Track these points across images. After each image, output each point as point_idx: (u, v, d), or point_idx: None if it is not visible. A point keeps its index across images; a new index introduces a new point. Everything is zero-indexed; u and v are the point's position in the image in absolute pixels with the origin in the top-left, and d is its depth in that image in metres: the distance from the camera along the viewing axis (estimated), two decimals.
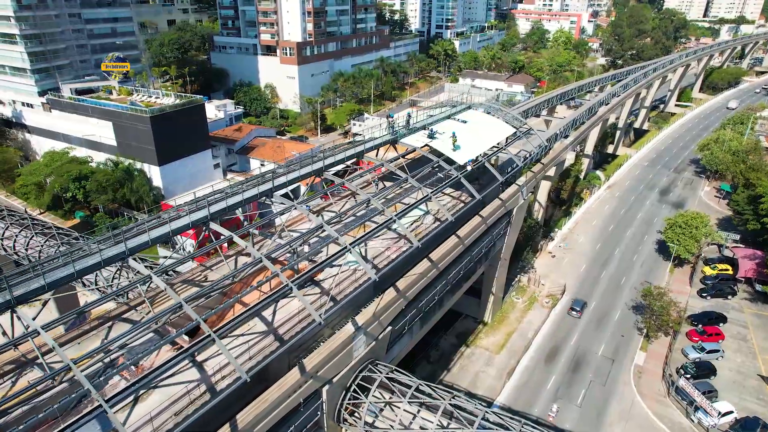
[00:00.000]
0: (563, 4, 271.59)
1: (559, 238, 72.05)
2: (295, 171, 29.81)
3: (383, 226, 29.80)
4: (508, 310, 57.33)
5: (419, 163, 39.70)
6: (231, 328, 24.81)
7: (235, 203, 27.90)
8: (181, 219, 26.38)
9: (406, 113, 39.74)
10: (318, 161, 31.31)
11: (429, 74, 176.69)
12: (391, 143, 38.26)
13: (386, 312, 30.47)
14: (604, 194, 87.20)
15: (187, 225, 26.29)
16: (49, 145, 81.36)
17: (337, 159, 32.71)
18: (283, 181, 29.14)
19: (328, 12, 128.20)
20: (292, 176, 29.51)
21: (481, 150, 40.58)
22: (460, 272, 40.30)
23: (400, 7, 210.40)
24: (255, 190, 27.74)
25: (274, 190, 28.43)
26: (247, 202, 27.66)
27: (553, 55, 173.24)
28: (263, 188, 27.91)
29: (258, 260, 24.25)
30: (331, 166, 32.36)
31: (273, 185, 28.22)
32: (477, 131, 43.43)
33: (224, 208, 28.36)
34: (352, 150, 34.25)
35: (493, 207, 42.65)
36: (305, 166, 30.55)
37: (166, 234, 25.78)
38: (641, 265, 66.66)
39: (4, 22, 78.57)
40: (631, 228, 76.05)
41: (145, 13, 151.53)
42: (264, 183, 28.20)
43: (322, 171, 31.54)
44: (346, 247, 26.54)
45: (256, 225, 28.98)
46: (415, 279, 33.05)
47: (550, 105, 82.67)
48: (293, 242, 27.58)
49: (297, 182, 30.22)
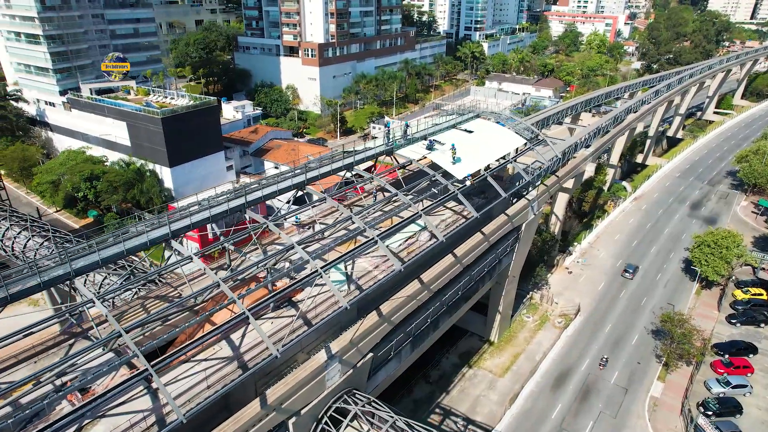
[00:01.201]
0: (599, 6, 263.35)
1: (577, 252, 68.43)
2: (272, 185, 28.05)
3: (361, 247, 27.76)
4: (516, 329, 54.40)
5: (418, 175, 37.54)
6: (192, 350, 23.44)
7: (209, 217, 26.45)
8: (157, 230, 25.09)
9: (404, 123, 37.55)
10: (300, 174, 29.54)
11: (455, 77, 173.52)
12: (386, 154, 36.17)
13: (366, 338, 28.45)
14: (630, 207, 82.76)
15: (165, 234, 24.98)
16: (69, 143, 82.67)
17: (321, 172, 30.80)
18: (258, 196, 27.44)
19: (352, 13, 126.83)
20: (268, 191, 27.78)
21: (484, 163, 38.07)
22: (458, 293, 37.90)
23: (428, 8, 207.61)
24: (225, 205, 26.07)
25: (247, 206, 26.77)
26: (217, 219, 26.10)
27: (584, 58, 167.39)
28: (234, 204, 26.24)
29: (215, 284, 22.55)
30: (315, 179, 30.52)
31: (246, 201, 26.58)
32: (482, 142, 40.92)
33: (207, 218, 27.04)
34: (340, 162, 32.32)
35: (498, 223, 40.03)
36: (284, 180, 28.78)
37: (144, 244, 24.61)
38: (665, 285, 62.50)
39: (29, 23, 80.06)
40: (657, 244, 71.69)
41: (173, 13, 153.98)
42: (237, 198, 26.56)
43: (304, 185, 29.75)
44: (317, 271, 24.59)
45: (231, 240, 27.35)
46: (403, 302, 30.89)
47: (574, 112, 78.85)
48: (264, 261, 25.84)
49: (274, 197, 28.50)
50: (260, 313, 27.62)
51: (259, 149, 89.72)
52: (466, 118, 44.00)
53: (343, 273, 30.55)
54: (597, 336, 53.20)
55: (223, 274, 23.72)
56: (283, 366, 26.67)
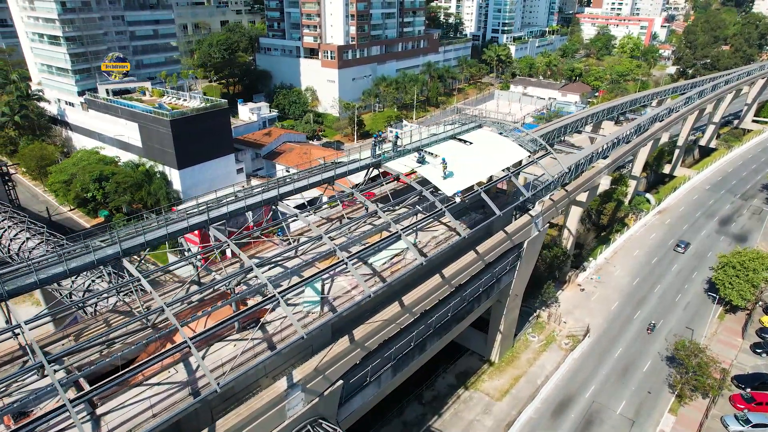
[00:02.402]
0: (634, 8, 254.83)
1: (592, 269, 65.08)
2: (240, 201, 26.69)
3: (331, 268, 26.13)
4: (520, 349, 51.80)
5: (408, 190, 35.65)
6: (141, 373, 22.34)
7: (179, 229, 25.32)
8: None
9: (394, 133, 35.74)
10: (273, 189, 28.11)
11: (480, 80, 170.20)
12: (374, 167, 34.43)
13: (335, 365, 26.80)
14: (653, 220, 78.56)
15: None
16: (87, 143, 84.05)
17: (296, 187, 29.27)
18: (223, 211, 26.13)
19: (373, 15, 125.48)
20: (234, 207, 26.43)
21: (480, 177, 35.92)
22: (447, 314, 35.87)
23: (455, 10, 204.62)
24: (185, 222, 24.83)
25: (210, 222, 25.49)
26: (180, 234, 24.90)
27: (613, 63, 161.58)
28: (194, 221, 24.97)
29: (159, 309, 21.28)
30: (289, 194, 29.03)
31: (208, 217, 25.28)
32: (481, 155, 38.73)
33: (185, 227, 26.04)
34: (318, 176, 30.74)
35: (494, 242, 37.80)
36: (252, 196, 27.37)
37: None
38: (684, 307, 58.69)
39: (51, 25, 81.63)
40: (679, 262, 67.63)
41: (200, 14, 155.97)
42: (199, 215, 25.31)
43: (276, 200, 28.28)
44: (275, 295, 23.07)
45: (199, 254, 26.23)
46: (379, 326, 29.12)
47: (595, 120, 75.24)
48: (225, 280, 24.51)
49: (241, 213, 27.13)
50: (224, 335, 26.41)
51: (271, 152, 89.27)
52: (466, 128, 41.82)
53: (318, 292, 29.06)
54: (605, 360, 50.12)
55: (159, 301, 22.13)
56: (243, 392, 25.31)
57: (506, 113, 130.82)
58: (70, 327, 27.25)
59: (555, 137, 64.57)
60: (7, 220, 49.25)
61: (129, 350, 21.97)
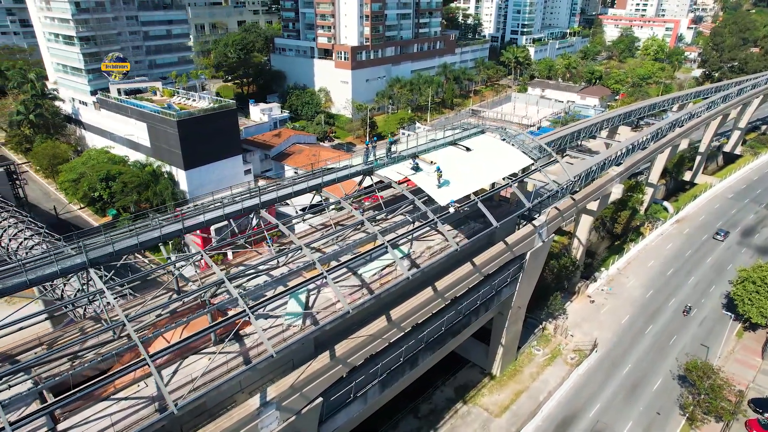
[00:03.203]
0: (659, 9, 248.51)
1: (603, 279, 62.73)
2: (218, 210, 25.72)
3: (306, 283, 25.01)
4: (523, 362, 49.96)
5: (402, 198, 34.33)
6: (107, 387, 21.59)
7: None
8: None
9: (388, 141, 34.45)
10: (254, 197, 27.09)
11: (498, 82, 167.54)
12: (366, 174, 33.20)
13: (314, 382, 25.65)
14: (670, 230, 75.62)
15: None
16: (100, 142, 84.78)
17: (280, 195, 28.20)
18: (200, 220, 25.20)
19: (388, 16, 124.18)
20: (211, 216, 25.48)
21: (477, 186, 34.39)
22: (441, 328, 34.45)
23: (474, 11, 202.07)
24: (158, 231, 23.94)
25: (185, 231, 24.60)
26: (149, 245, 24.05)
27: (634, 65, 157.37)
28: (168, 230, 24.06)
29: (120, 323, 20.41)
30: (271, 203, 27.99)
31: (183, 227, 24.37)
32: (480, 162, 37.20)
33: (158, 236, 25.27)
34: (305, 184, 29.62)
35: (492, 253, 36.18)
36: (231, 204, 26.37)
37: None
38: (700, 323, 56.05)
39: (65, 25, 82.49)
40: (696, 274, 64.79)
41: (217, 14, 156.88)
42: (174, 224, 24.42)
43: (258, 208, 27.24)
44: (245, 310, 22.03)
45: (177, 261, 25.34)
46: (364, 341, 27.88)
47: (611, 125, 72.66)
48: (203, 290, 23.58)
49: (218, 222, 26.20)
50: (200, 347, 25.51)
51: (280, 153, 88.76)
52: (468, 134, 40.30)
53: (301, 304, 28.00)
54: (612, 377, 47.98)
55: (121, 316, 21.21)
56: (218, 407, 24.37)
57: (522, 116, 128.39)
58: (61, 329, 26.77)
59: (567, 143, 62.52)
60: (9, 219, 49.50)
61: (92, 363, 21.16)
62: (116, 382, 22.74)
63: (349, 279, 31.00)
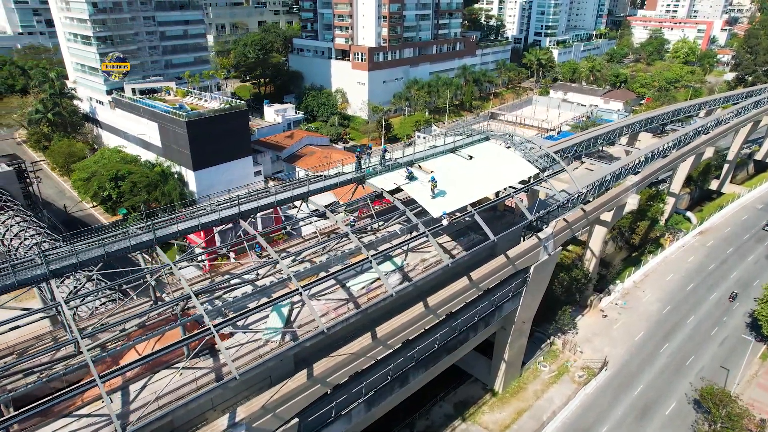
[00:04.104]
0: (691, 10, 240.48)
1: (617, 293, 60.03)
2: (192, 220, 24.72)
3: (278, 301, 23.79)
4: (528, 379, 47.88)
5: (394, 208, 32.85)
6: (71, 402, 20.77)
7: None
8: None
9: (382, 147, 33.03)
10: (234, 206, 26.01)
11: (519, 84, 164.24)
12: (357, 183, 31.84)
13: (290, 401, 24.44)
14: (692, 242, 72.15)
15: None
16: (115, 140, 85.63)
17: (261, 204, 27.03)
18: (174, 230, 24.22)
19: (407, 17, 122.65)
20: (185, 226, 24.46)
21: (475, 197, 32.65)
22: (434, 345, 32.86)
23: (497, 12, 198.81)
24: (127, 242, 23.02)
25: (157, 241, 23.65)
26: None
27: (661, 69, 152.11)
28: (137, 241, 23.16)
29: (73, 340, 19.48)
30: (252, 212, 26.84)
31: (155, 236, 23.43)
32: (481, 171, 35.46)
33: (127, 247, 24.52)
34: (289, 192, 28.39)
35: (491, 267, 34.40)
36: (207, 214, 25.33)
37: None
38: (721, 342, 52.98)
39: (83, 25, 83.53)
40: (719, 290, 61.47)
41: (238, 14, 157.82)
42: (145, 233, 23.50)
43: (238, 218, 26.15)
44: (209, 328, 20.91)
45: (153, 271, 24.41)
46: (346, 360, 26.53)
47: (631, 131, 69.62)
48: (171, 304, 22.60)
49: (192, 232, 25.17)
50: (172, 361, 24.57)
51: (292, 155, 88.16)
52: (471, 140, 38.55)
53: (283, 318, 26.85)
54: (623, 398, 45.55)
55: (75, 331, 20.32)
56: (187, 425, 23.36)
57: (542, 120, 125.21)
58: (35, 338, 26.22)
59: (583, 150, 59.97)
60: (14, 218, 49.83)
61: (53, 377, 20.33)
62: (83, 396, 22.12)
63: (337, 292, 29.76)
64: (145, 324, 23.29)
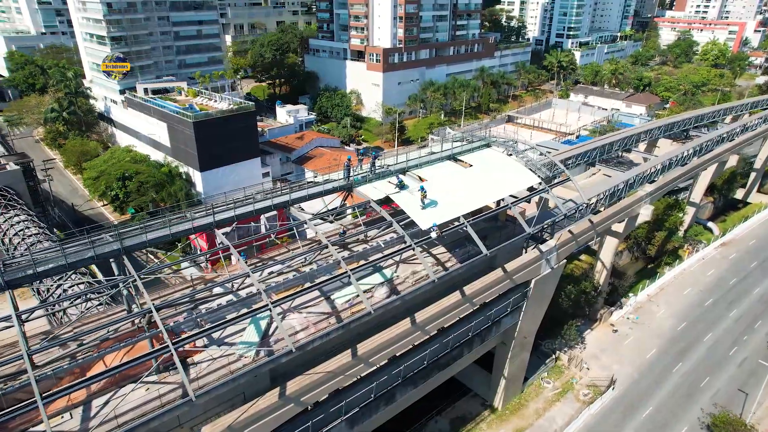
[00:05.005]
0: (722, 11, 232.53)
1: (630, 306, 57.43)
2: (163, 229, 23.74)
3: (248, 316, 22.64)
4: (529, 395, 45.89)
5: (381, 219, 31.46)
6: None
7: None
8: None
9: (372, 154, 31.67)
10: (208, 215, 24.98)
11: (540, 87, 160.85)
12: (345, 191, 30.54)
13: (259, 422, 23.28)
14: (713, 254, 68.82)
15: None
16: (128, 140, 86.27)
17: (238, 213, 25.91)
18: (143, 239, 23.30)
19: (423, 18, 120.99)
20: (154, 236, 23.49)
21: (469, 208, 30.97)
22: (423, 362, 31.35)
23: (519, 13, 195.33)
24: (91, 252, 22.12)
25: (125, 251, 22.75)
26: None
27: (688, 72, 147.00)
28: (101, 251, 22.24)
29: (18, 356, 18.63)
30: (228, 221, 25.78)
31: (122, 246, 22.51)
32: (479, 181, 33.82)
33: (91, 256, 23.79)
34: (269, 201, 27.22)
35: (486, 282, 32.69)
36: (181, 223, 24.32)
37: None
38: (740, 363, 50.03)
39: (98, 25, 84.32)
40: (740, 306, 58.31)
41: (256, 14, 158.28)
42: (112, 242, 22.61)
43: (213, 226, 25.13)
44: (167, 346, 19.87)
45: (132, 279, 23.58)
46: (323, 378, 25.26)
47: (650, 137, 66.73)
48: (136, 315, 21.67)
49: (161, 241, 24.17)
50: (140, 374, 23.65)
51: (302, 156, 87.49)
52: (470, 147, 36.92)
53: (260, 332, 25.77)
54: (629, 420, 43.21)
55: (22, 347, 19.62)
56: None
57: (561, 123, 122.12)
58: None
59: (597, 156, 57.63)
60: (19, 216, 50.13)
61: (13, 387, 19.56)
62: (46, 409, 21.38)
63: (321, 304, 28.55)
64: (106, 338, 22.40)
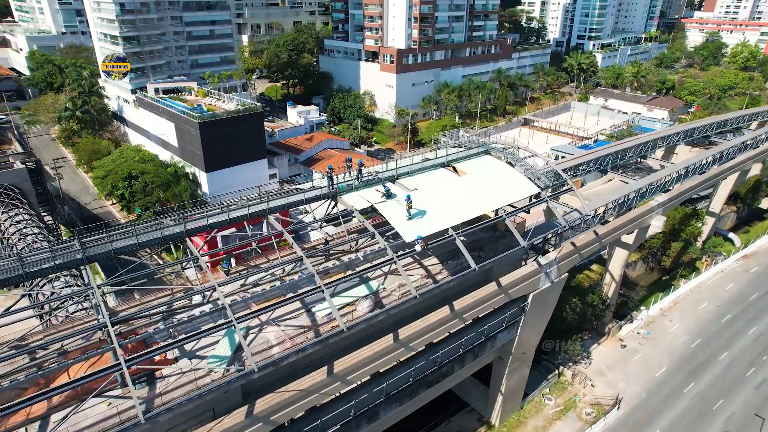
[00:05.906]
0: (754, 11, 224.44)
1: (641, 320, 54.97)
2: (129, 238, 22.87)
3: (212, 331, 21.59)
4: (529, 412, 44.04)
5: (376, 226, 30.17)
6: None
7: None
8: None
9: (358, 161, 30.37)
10: (179, 224, 24.06)
11: (558, 90, 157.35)
12: (329, 199, 29.33)
13: None
14: (733, 266, 65.65)
15: None
16: (139, 139, 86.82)
17: (210, 222, 24.91)
18: (108, 248, 22.46)
19: (439, 18, 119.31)
20: (121, 245, 22.62)
21: (459, 220, 29.50)
22: (408, 378, 29.97)
23: (539, 14, 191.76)
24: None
25: (88, 261, 21.96)
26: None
27: (714, 75, 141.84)
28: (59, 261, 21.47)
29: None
30: (199, 231, 24.83)
31: (84, 255, 21.71)
32: (474, 190, 32.29)
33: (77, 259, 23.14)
34: (245, 210, 26.18)
35: (478, 297, 31.10)
36: (150, 231, 23.45)
37: None
38: (757, 386, 47.25)
39: (111, 24, 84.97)
40: (760, 324, 55.32)
41: (273, 14, 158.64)
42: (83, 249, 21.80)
43: (184, 236, 24.22)
44: (119, 364, 18.94)
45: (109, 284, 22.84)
46: (298, 395, 24.13)
47: (667, 143, 63.92)
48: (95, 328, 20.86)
49: (145, 248, 23.36)
50: (104, 388, 22.86)
51: (310, 158, 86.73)
52: (467, 154, 35.39)
53: (233, 346, 24.80)
54: None
55: None
56: None
57: (578, 127, 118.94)
58: None
59: (608, 163, 55.32)
60: (21, 216, 50.37)
61: None
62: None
63: (301, 317, 27.49)
64: (65, 351, 21.64)
